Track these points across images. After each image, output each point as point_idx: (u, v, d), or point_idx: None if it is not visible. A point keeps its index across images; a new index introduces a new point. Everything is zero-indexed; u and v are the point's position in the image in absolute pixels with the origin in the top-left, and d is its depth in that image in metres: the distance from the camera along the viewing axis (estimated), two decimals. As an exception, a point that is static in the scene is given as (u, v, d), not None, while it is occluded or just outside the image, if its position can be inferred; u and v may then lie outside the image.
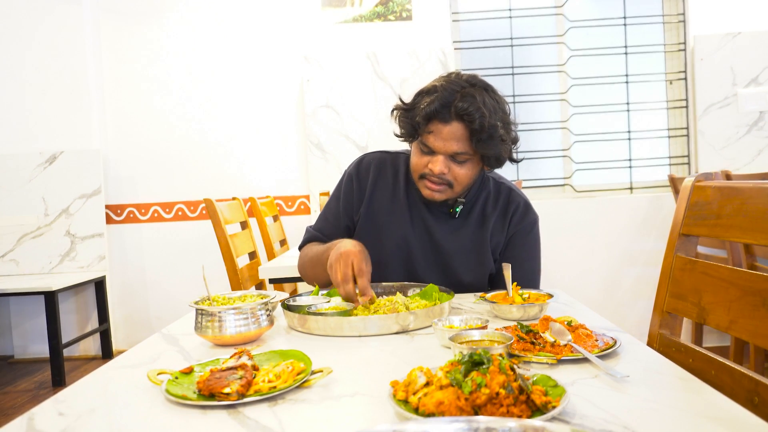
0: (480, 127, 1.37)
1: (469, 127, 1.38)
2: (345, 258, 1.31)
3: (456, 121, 1.38)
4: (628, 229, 3.69)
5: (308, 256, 1.59)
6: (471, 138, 1.39)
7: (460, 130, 1.39)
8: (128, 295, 3.87)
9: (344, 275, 1.30)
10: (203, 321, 1.11)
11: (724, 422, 0.70)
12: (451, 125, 1.39)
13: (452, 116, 1.38)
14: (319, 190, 3.68)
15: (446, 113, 1.38)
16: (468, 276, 1.55)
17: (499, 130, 1.40)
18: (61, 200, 3.69)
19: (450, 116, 1.38)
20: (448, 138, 1.39)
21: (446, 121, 1.39)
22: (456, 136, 1.39)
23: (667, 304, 1.18)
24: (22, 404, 3.03)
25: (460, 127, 1.39)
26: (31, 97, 3.71)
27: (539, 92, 3.82)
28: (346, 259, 1.31)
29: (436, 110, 1.38)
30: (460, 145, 1.40)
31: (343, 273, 1.30)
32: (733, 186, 1.06)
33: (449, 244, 1.54)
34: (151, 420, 0.79)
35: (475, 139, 1.39)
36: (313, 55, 3.72)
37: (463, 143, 1.40)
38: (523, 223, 1.57)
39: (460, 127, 1.39)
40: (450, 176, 1.43)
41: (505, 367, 0.74)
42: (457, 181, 1.44)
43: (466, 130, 1.39)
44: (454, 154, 1.41)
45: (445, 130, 1.39)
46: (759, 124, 3.60)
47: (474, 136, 1.38)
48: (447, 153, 1.41)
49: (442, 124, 1.39)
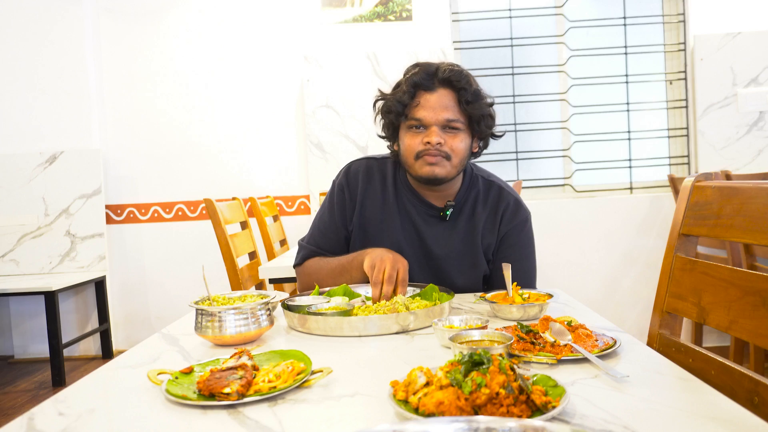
0: (466, 87, 1.42)
1: (456, 89, 1.43)
2: (394, 262, 1.34)
3: (442, 87, 1.44)
4: (628, 229, 3.69)
5: (325, 269, 1.53)
6: (459, 102, 1.43)
7: (447, 95, 1.43)
8: (128, 295, 3.87)
9: (390, 277, 1.32)
10: (203, 321, 1.11)
11: (724, 422, 0.70)
12: (438, 93, 1.43)
13: (437, 84, 1.44)
14: (319, 190, 3.68)
15: (431, 81, 1.44)
16: (461, 279, 1.54)
17: (482, 93, 1.45)
18: (61, 200, 3.69)
19: (435, 84, 1.44)
20: (437, 106, 1.43)
21: (432, 89, 1.43)
22: (444, 103, 1.43)
23: (667, 304, 1.18)
24: (22, 404, 3.03)
25: (446, 93, 1.43)
26: (31, 97, 3.71)
27: (539, 92, 3.82)
28: (394, 263, 1.34)
29: (422, 79, 1.43)
30: (450, 111, 1.43)
31: (389, 274, 1.32)
32: (733, 186, 1.06)
33: (440, 249, 1.53)
34: (151, 420, 0.79)
35: (463, 102, 1.42)
36: (313, 55, 3.72)
37: (452, 110, 1.43)
38: (514, 221, 1.55)
39: (447, 93, 1.43)
40: (446, 147, 1.44)
41: (505, 367, 0.74)
42: (454, 152, 1.45)
43: (454, 94, 1.43)
44: (446, 122, 1.43)
45: (433, 99, 1.43)
46: (759, 124, 3.60)
47: (462, 98, 1.42)
48: (439, 122, 1.43)
49: (429, 93, 1.43)
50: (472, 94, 1.43)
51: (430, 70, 1.44)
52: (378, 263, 1.34)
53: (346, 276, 1.48)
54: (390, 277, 1.32)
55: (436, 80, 1.43)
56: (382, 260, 1.34)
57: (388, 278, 1.31)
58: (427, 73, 1.44)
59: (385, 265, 1.33)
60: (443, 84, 1.43)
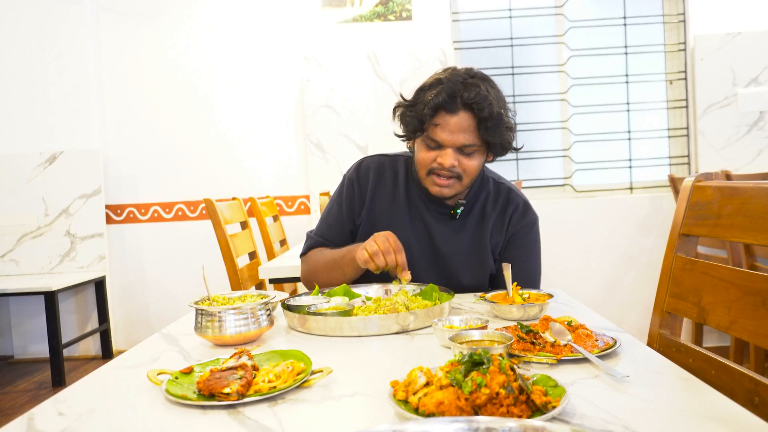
0: (488, 115, 1.38)
1: (477, 116, 1.39)
2: (384, 236, 1.36)
3: (463, 111, 1.39)
4: (628, 229, 3.69)
5: (321, 260, 1.56)
6: (479, 127, 1.40)
7: (468, 120, 1.40)
8: (128, 295, 3.87)
9: (385, 247, 1.33)
10: (203, 321, 1.11)
11: (724, 422, 0.70)
12: (458, 116, 1.40)
13: (459, 106, 1.39)
14: (319, 190, 3.68)
15: (453, 104, 1.39)
16: (468, 277, 1.55)
17: (504, 117, 1.42)
18: (61, 200, 3.69)
19: (457, 107, 1.39)
20: (455, 130, 1.40)
21: (454, 111, 1.40)
22: (463, 127, 1.40)
23: (667, 304, 1.18)
24: (22, 404, 3.03)
25: (467, 117, 1.40)
26: (31, 97, 3.71)
27: (539, 92, 3.82)
28: (385, 236, 1.36)
29: (444, 101, 1.39)
30: (468, 136, 1.41)
31: (383, 246, 1.34)
32: (733, 186, 1.06)
33: (449, 246, 1.54)
34: (151, 420, 0.79)
35: (483, 128, 1.40)
36: (313, 55, 3.72)
37: (470, 134, 1.41)
38: (522, 222, 1.56)
39: (468, 117, 1.40)
40: (459, 169, 1.44)
41: (505, 367, 0.74)
42: (466, 173, 1.45)
43: (474, 119, 1.40)
44: (462, 147, 1.42)
45: (453, 121, 1.40)
46: (759, 124, 3.60)
47: (482, 125, 1.39)
48: (455, 145, 1.42)
49: (450, 115, 1.40)
50: (494, 121, 1.39)
51: (453, 90, 1.39)
52: (371, 240, 1.37)
53: (337, 271, 1.50)
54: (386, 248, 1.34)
55: (460, 103, 1.39)
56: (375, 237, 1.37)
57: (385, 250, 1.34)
58: (450, 95, 1.39)
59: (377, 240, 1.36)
60: (465, 107, 1.39)
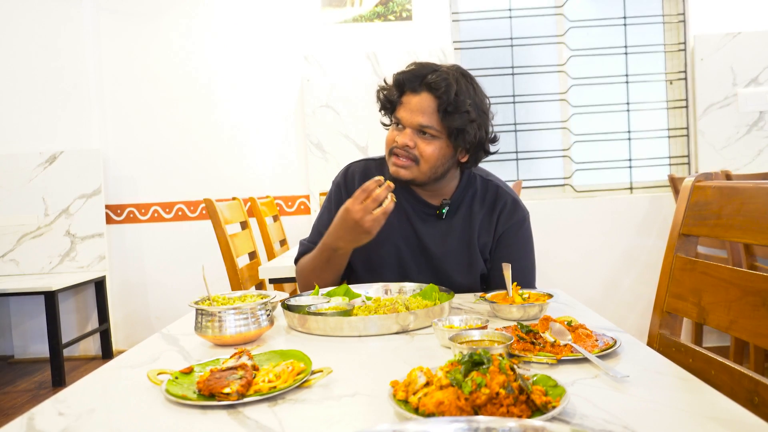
0: (447, 99, 1.40)
1: (436, 97, 1.41)
2: (351, 201, 1.38)
3: (425, 91, 1.42)
4: (628, 229, 3.69)
5: (308, 266, 1.56)
6: (438, 110, 1.41)
7: (428, 100, 1.42)
8: (128, 295, 3.87)
9: (363, 197, 1.36)
10: (203, 321, 1.11)
11: (724, 422, 0.70)
12: (420, 96, 1.43)
13: (422, 87, 1.43)
14: (319, 190, 3.68)
15: (416, 83, 1.43)
16: (459, 277, 1.54)
17: (468, 106, 1.42)
18: (61, 200, 3.69)
19: (420, 87, 1.43)
20: (415, 109, 1.43)
21: (416, 91, 1.43)
22: (423, 107, 1.42)
23: (667, 304, 1.18)
24: (22, 404, 3.03)
25: (428, 98, 1.42)
26: (31, 97, 3.71)
27: (539, 92, 3.82)
28: (352, 200, 1.38)
29: (407, 79, 1.44)
30: (426, 117, 1.42)
31: (361, 197, 1.36)
32: (733, 186, 1.06)
33: (438, 248, 1.53)
34: (151, 420, 0.79)
35: (442, 112, 1.41)
36: (313, 55, 3.72)
37: (429, 116, 1.42)
38: (511, 221, 1.54)
39: (429, 98, 1.42)
40: (416, 151, 1.44)
41: (505, 367, 0.73)
42: (423, 157, 1.44)
43: (434, 101, 1.41)
44: (420, 128, 1.43)
45: (414, 101, 1.43)
46: (759, 124, 3.60)
47: (441, 107, 1.41)
48: (413, 125, 1.43)
49: (412, 94, 1.44)
50: (454, 106, 1.40)
51: (420, 72, 1.44)
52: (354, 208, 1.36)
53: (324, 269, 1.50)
54: (367, 197, 1.35)
55: (423, 84, 1.42)
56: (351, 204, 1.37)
57: (368, 198, 1.35)
58: (416, 75, 1.44)
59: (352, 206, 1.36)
60: (428, 88, 1.42)
